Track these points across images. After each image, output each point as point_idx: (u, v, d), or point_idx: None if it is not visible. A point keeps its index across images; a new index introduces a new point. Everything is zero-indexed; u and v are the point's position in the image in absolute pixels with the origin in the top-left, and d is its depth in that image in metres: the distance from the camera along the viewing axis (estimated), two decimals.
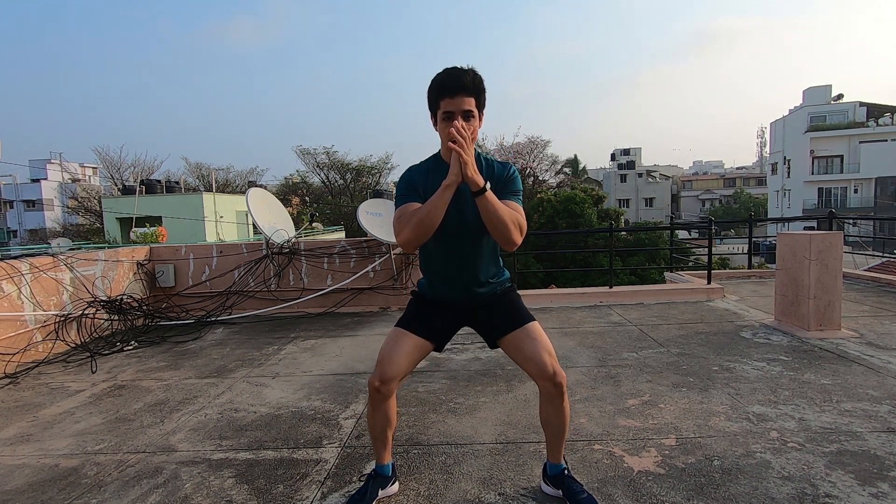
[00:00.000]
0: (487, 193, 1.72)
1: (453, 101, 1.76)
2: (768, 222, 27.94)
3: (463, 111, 1.77)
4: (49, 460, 2.55)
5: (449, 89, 1.76)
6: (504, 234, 1.76)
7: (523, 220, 1.83)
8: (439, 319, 2.02)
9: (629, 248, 17.26)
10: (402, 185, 1.90)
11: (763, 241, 27.23)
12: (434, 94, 1.81)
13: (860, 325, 4.49)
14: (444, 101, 1.78)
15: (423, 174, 1.91)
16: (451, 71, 1.79)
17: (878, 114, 38.72)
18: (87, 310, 4.98)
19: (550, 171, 35.41)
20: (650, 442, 2.47)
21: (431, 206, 1.73)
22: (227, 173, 38.50)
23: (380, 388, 1.88)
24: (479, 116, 1.85)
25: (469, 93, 1.77)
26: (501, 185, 1.88)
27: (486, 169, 1.90)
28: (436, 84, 1.81)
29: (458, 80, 1.77)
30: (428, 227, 1.74)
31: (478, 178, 1.71)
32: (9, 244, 36.74)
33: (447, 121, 1.78)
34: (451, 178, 1.71)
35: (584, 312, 5.52)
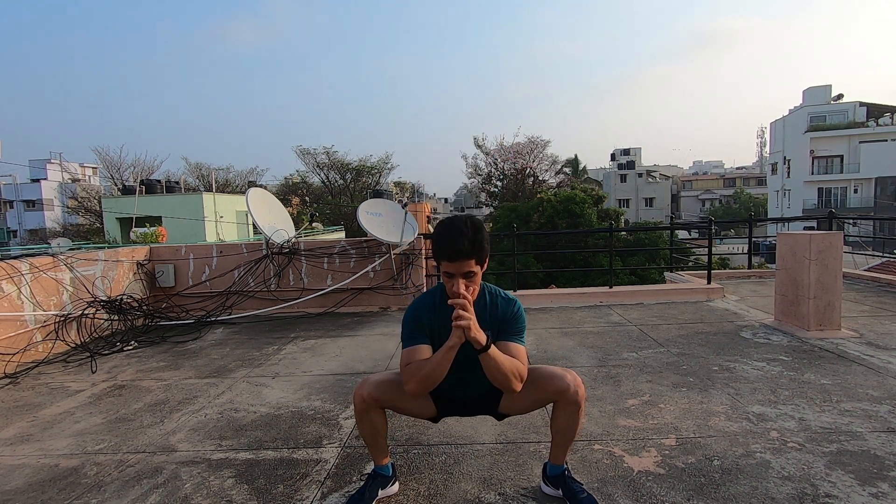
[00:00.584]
0: (489, 351, 1.77)
1: (453, 265, 1.79)
2: (768, 222, 27.94)
3: (463, 273, 1.81)
4: (49, 460, 2.55)
5: (449, 254, 1.79)
6: (503, 385, 1.83)
7: (524, 368, 1.86)
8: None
9: (629, 248, 17.25)
10: (409, 325, 1.93)
11: (763, 241, 27.23)
12: (436, 255, 1.86)
13: (860, 325, 4.49)
14: (444, 264, 1.82)
15: (430, 310, 1.94)
16: (450, 234, 1.80)
17: (878, 114, 38.70)
18: (87, 310, 4.98)
19: (550, 171, 35.43)
20: (650, 442, 2.47)
21: (435, 365, 1.80)
22: (227, 173, 38.50)
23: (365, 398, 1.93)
24: (482, 268, 1.87)
25: (468, 256, 1.79)
26: (505, 324, 1.92)
27: (490, 305, 1.95)
28: (436, 246, 1.84)
29: (457, 245, 1.77)
30: (433, 382, 1.82)
31: (480, 336, 1.75)
32: (9, 244, 36.74)
33: (449, 278, 1.83)
34: (454, 340, 1.76)
35: (584, 312, 5.52)
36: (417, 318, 1.93)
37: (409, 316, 1.95)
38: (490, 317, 1.92)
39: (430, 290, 2.05)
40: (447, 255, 1.79)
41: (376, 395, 1.93)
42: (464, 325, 1.71)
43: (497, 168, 33.89)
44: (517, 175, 32.92)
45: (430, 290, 2.04)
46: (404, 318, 1.95)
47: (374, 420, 1.98)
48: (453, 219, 1.86)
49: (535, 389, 1.92)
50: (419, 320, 1.92)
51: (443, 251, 1.80)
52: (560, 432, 1.98)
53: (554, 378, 1.90)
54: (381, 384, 1.95)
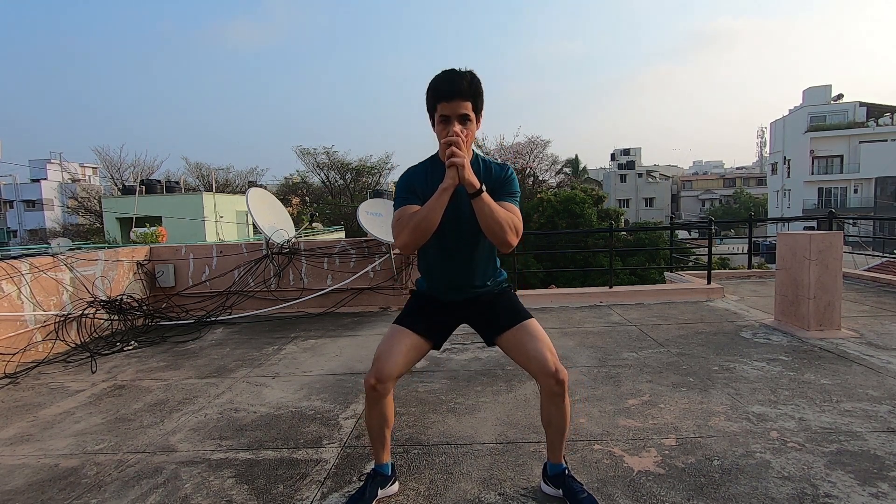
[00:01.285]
0: (483, 195, 1.73)
1: (450, 105, 1.76)
2: (768, 222, 27.94)
3: (459, 115, 1.77)
4: (49, 460, 2.55)
5: (446, 93, 1.76)
6: (499, 235, 1.77)
7: (519, 222, 1.83)
8: (437, 317, 2.03)
9: (629, 248, 17.26)
10: (401, 188, 1.91)
11: (763, 241, 27.23)
12: (431, 98, 1.81)
13: (860, 325, 4.49)
14: (441, 105, 1.77)
15: (421, 176, 1.91)
16: (448, 74, 1.79)
17: (878, 114, 38.72)
18: (87, 310, 4.98)
19: (550, 171, 35.42)
20: (650, 442, 2.47)
21: (429, 210, 1.74)
22: (227, 173, 38.51)
23: (375, 385, 1.86)
24: (477, 119, 1.85)
25: (466, 97, 1.77)
26: (499, 186, 1.89)
27: (484, 170, 1.91)
28: (433, 88, 1.80)
29: (455, 84, 1.76)
30: (426, 230, 1.76)
31: (474, 180, 1.72)
32: (9, 244, 36.74)
33: (444, 124, 1.79)
34: (448, 181, 1.72)
35: (584, 312, 5.52)
36: (409, 182, 1.90)
37: (401, 183, 1.92)
38: (483, 179, 1.85)
39: (422, 161, 1.99)
40: (445, 93, 1.76)
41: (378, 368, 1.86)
42: (458, 163, 1.67)
43: None
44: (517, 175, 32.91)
45: (423, 161, 1.99)
46: (396, 186, 1.93)
47: (384, 409, 1.95)
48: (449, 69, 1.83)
49: (522, 352, 1.89)
50: (410, 184, 1.89)
51: (439, 91, 1.77)
52: (550, 425, 1.97)
53: (539, 354, 1.85)
54: (377, 358, 1.89)
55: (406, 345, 1.92)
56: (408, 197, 1.86)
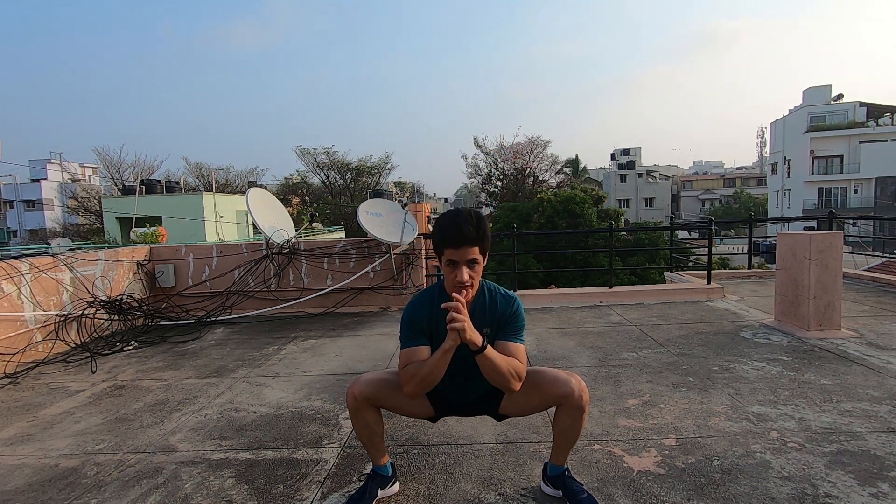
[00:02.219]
0: (486, 352, 1.76)
1: (457, 251, 1.78)
2: (768, 222, 27.92)
3: (467, 261, 1.79)
4: (49, 460, 2.55)
5: (454, 241, 1.77)
6: (502, 384, 1.81)
7: (521, 367, 1.84)
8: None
9: (629, 248, 17.25)
10: (406, 326, 1.91)
11: (763, 241, 27.24)
12: (438, 243, 1.83)
13: (860, 325, 4.49)
14: (449, 251, 1.79)
15: (426, 309, 1.93)
16: (455, 220, 1.79)
17: (878, 114, 38.69)
18: (87, 310, 4.98)
19: (550, 171, 35.42)
20: (650, 442, 2.47)
21: (433, 367, 1.78)
22: (227, 173, 38.51)
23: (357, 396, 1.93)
24: (484, 259, 1.86)
25: (472, 243, 1.78)
26: (504, 322, 1.91)
27: (489, 304, 1.93)
28: (440, 233, 1.81)
29: (463, 231, 1.76)
30: (431, 383, 1.82)
31: (476, 338, 1.74)
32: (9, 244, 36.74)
33: (452, 267, 1.81)
34: (450, 342, 1.74)
35: (584, 312, 5.52)
36: (415, 317, 1.91)
37: (406, 316, 1.93)
38: (489, 314, 1.91)
39: (427, 289, 2.02)
40: (452, 241, 1.77)
41: (368, 394, 1.93)
42: (458, 328, 1.70)
43: (497, 168, 33.91)
44: (517, 175, 32.93)
45: (428, 289, 2.01)
46: (402, 319, 1.94)
47: (368, 419, 1.98)
48: (456, 209, 1.86)
49: (538, 392, 1.91)
50: (417, 320, 1.91)
51: (447, 238, 1.78)
52: (562, 434, 1.98)
53: (558, 382, 1.88)
54: (372, 383, 1.95)
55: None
56: (413, 336, 1.89)
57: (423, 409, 2.07)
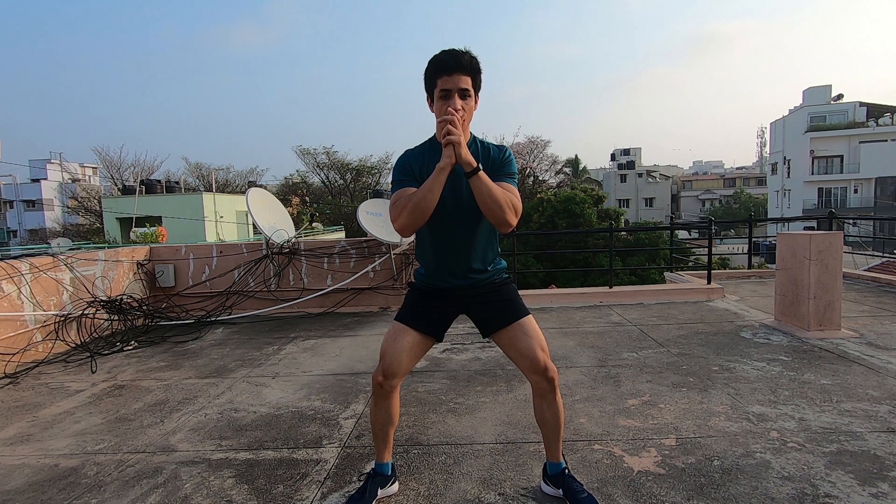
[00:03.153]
0: (480, 174, 1.72)
1: (451, 78, 1.76)
2: (768, 222, 27.91)
3: (460, 89, 1.77)
4: (49, 460, 2.55)
5: (447, 67, 1.76)
6: (497, 214, 1.74)
7: (518, 201, 1.81)
8: (436, 310, 2.00)
9: (629, 248, 17.25)
10: (398, 170, 1.89)
11: (763, 241, 27.22)
12: (431, 73, 1.80)
13: (860, 325, 4.49)
14: (442, 79, 1.77)
15: (418, 157, 1.89)
16: (449, 51, 1.80)
17: (878, 114, 38.71)
18: (87, 310, 4.98)
19: (550, 171, 35.45)
20: (650, 442, 2.47)
21: (426, 190, 1.73)
22: (227, 173, 38.55)
23: (383, 383, 1.90)
24: (475, 97, 1.85)
25: (466, 71, 1.78)
26: (497, 167, 1.88)
27: (482, 152, 1.90)
28: (433, 63, 1.80)
29: (456, 58, 1.77)
30: (424, 210, 1.74)
31: (470, 158, 1.72)
32: (9, 244, 36.74)
33: (444, 99, 1.78)
34: (445, 160, 1.71)
35: (584, 312, 5.52)
36: (406, 164, 1.89)
37: (397, 166, 1.90)
38: (481, 161, 1.85)
39: (419, 144, 1.97)
40: (446, 66, 1.76)
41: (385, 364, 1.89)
42: (454, 141, 1.66)
43: None
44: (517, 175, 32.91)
45: (420, 144, 1.97)
46: (394, 167, 1.91)
47: (391, 406, 1.97)
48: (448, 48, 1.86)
49: (514, 349, 1.91)
50: (407, 166, 1.88)
51: (441, 63, 1.77)
52: (545, 423, 1.98)
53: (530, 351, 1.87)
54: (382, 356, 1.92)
55: (409, 342, 1.92)
56: (404, 179, 1.85)
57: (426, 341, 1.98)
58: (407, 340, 1.92)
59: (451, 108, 1.73)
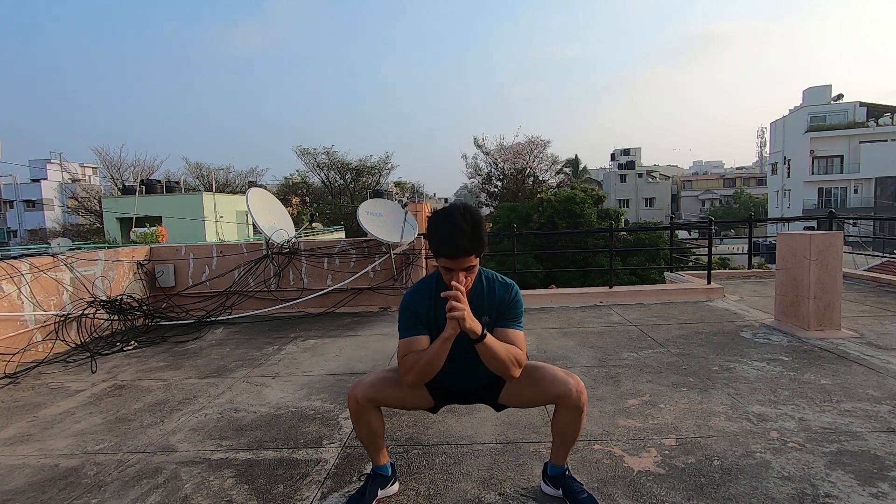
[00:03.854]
0: (485, 340, 1.75)
1: (453, 261, 1.76)
2: (768, 222, 27.91)
3: (464, 268, 1.78)
4: (49, 460, 2.55)
5: (449, 254, 1.75)
6: (502, 371, 1.81)
7: (522, 355, 1.84)
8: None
9: (629, 248, 17.24)
10: (405, 315, 1.90)
11: (763, 241, 27.21)
12: (434, 250, 1.80)
13: (860, 325, 4.49)
14: (443, 260, 1.78)
15: (425, 298, 1.91)
16: (450, 232, 1.73)
17: (878, 114, 38.69)
18: (87, 310, 4.98)
19: (550, 171, 35.39)
20: (650, 442, 2.47)
21: (432, 356, 1.78)
22: (227, 173, 38.52)
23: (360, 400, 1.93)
24: (480, 260, 1.84)
25: (469, 253, 1.75)
26: (504, 310, 1.90)
27: (488, 291, 1.92)
28: (435, 244, 1.78)
29: (457, 245, 1.73)
30: (431, 372, 1.81)
31: (475, 327, 1.73)
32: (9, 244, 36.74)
33: (447, 271, 1.80)
34: (450, 331, 1.74)
35: (584, 312, 5.52)
36: (413, 308, 1.90)
37: (405, 305, 1.91)
38: (487, 302, 1.90)
39: (425, 279, 2.00)
40: (447, 254, 1.75)
41: (371, 395, 1.93)
42: (458, 317, 1.69)
43: (497, 168, 33.89)
44: (517, 175, 32.91)
45: (426, 279, 1.99)
46: (400, 308, 1.92)
47: (371, 421, 1.98)
48: (450, 212, 1.77)
49: (536, 389, 1.92)
50: (415, 310, 1.89)
51: (442, 251, 1.76)
52: (560, 434, 1.98)
53: (556, 382, 1.88)
54: (374, 384, 1.95)
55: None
56: (412, 325, 1.88)
57: (424, 401, 2.06)
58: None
59: (454, 283, 1.73)
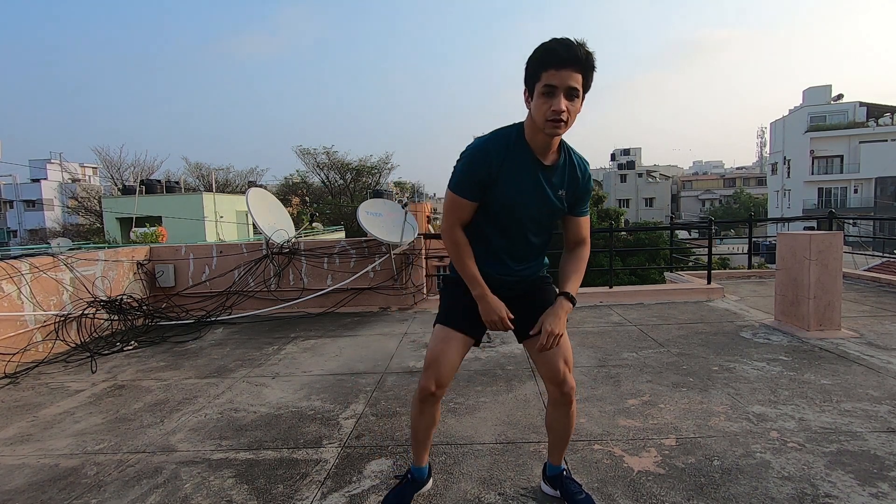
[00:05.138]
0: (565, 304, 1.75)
1: (559, 73, 1.49)
2: (768, 222, 27.89)
3: (568, 87, 1.50)
4: (49, 460, 2.55)
5: (557, 59, 1.48)
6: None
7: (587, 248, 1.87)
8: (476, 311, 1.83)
9: (629, 248, 17.25)
10: (466, 168, 1.69)
11: (763, 241, 27.21)
12: (536, 64, 1.53)
13: (860, 325, 4.49)
14: (548, 73, 1.49)
15: (500, 157, 1.67)
16: (562, 40, 1.51)
17: (878, 114, 38.69)
18: (87, 310, 4.98)
19: None
20: (650, 442, 2.47)
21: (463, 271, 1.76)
22: (227, 173, 38.51)
23: (435, 392, 1.81)
24: (582, 98, 1.57)
25: (579, 67, 1.50)
26: (580, 193, 1.79)
27: (568, 164, 1.74)
28: (541, 52, 1.52)
29: (570, 49, 1.48)
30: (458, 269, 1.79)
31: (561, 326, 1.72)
32: (9, 244, 36.73)
33: (547, 96, 1.51)
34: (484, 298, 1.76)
35: (584, 312, 5.52)
36: (478, 168, 1.68)
37: (468, 159, 1.69)
38: (569, 176, 1.74)
39: (501, 130, 1.71)
40: (558, 59, 1.48)
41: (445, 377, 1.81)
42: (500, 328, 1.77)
43: None
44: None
45: (504, 129, 1.71)
46: (464, 158, 1.71)
47: (435, 412, 1.90)
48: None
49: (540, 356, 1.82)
50: (478, 172, 1.68)
51: (551, 54, 1.49)
52: (553, 431, 1.97)
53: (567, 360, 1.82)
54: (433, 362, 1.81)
55: (456, 347, 1.83)
56: (469, 187, 1.70)
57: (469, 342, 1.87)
58: (454, 346, 1.83)
59: (554, 108, 1.50)
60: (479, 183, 1.68)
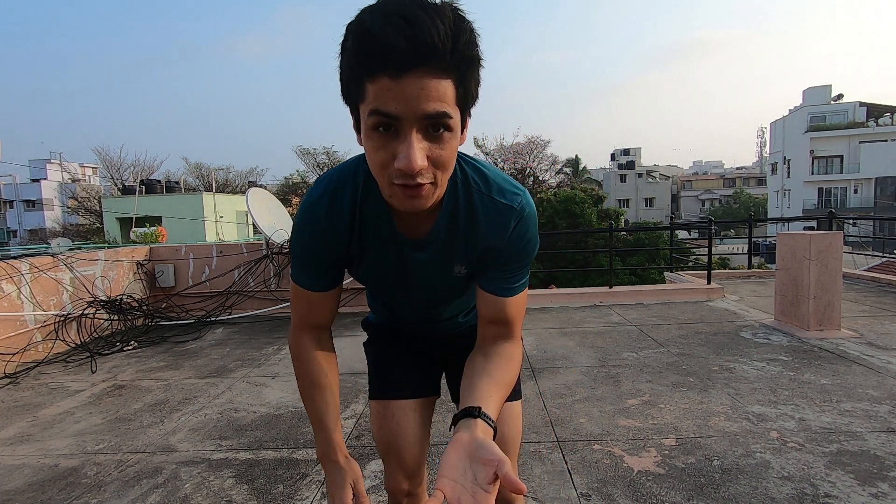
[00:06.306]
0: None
1: (399, 84, 0.68)
2: (768, 222, 27.87)
3: (424, 115, 0.70)
4: (49, 460, 2.55)
5: (391, 55, 0.67)
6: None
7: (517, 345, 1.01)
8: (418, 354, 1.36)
9: (629, 248, 17.25)
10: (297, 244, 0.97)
11: (763, 241, 27.22)
12: (354, 64, 0.71)
13: (860, 325, 4.49)
14: (378, 85, 0.69)
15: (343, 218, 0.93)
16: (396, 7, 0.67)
17: (878, 114, 38.72)
18: (87, 310, 4.98)
19: (550, 171, 35.38)
20: (650, 442, 2.47)
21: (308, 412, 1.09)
22: (227, 173, 38.51)
23: (410, 488, 1.23)
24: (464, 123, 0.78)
25: (441, 64, 0.69)
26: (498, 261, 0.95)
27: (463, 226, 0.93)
28: (360, 38, 0.69)
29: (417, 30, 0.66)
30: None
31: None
32: (9, 244, 36.75)
33: (384, 136, 0.72)
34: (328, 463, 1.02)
35: (584, 312, 5.52)
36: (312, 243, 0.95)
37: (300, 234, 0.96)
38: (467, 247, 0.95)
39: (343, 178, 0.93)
40: (392, 51, 0.66)
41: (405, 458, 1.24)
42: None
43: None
44: (517, 175, 32.92)
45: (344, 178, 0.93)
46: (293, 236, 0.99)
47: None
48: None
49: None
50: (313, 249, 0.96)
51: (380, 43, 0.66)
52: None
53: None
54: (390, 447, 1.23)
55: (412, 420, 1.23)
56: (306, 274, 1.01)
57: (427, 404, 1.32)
58: (409, 419, 1.23)
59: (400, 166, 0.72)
60: (322, 266, 0.99)
